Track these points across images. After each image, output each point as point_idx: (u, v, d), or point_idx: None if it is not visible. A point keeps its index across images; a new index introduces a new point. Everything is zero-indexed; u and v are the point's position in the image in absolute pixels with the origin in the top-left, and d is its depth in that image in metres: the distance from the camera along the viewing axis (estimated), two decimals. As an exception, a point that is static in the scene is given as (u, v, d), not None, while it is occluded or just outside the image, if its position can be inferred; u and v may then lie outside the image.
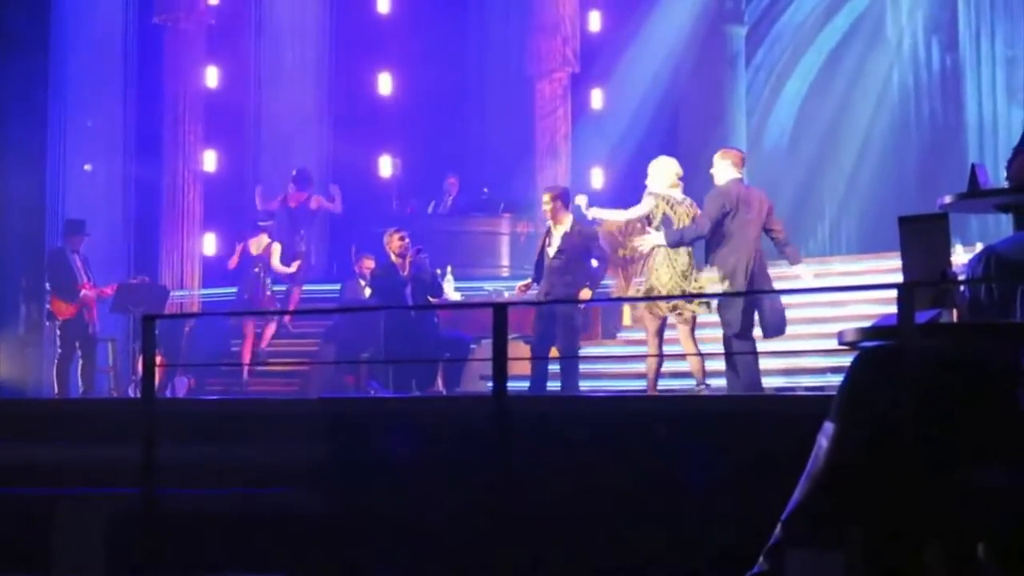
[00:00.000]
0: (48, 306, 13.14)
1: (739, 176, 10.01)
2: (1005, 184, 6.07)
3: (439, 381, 12.56)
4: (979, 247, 10.63)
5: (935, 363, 3.34)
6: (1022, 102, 11.87)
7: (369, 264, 14.04)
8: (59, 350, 13.04)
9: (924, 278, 3.61)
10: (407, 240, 12.56)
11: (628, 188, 15.98)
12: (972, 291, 5.27)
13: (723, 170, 10.12)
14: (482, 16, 17.83)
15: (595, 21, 17.42)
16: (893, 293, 3.53)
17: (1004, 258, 5.62)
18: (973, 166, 6.24)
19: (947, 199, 6.93)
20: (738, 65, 18.43)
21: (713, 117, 17.84)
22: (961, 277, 6.00)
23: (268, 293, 14.23)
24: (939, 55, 17.11)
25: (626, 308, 14.07)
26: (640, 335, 13.72)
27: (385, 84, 17.43)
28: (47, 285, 13.30)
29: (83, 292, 13.10)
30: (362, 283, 13.95)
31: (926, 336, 3.33)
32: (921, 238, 3.74)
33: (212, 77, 16.61)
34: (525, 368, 10.96)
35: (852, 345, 3.81)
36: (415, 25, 17.15)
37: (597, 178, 17.03)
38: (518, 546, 4.46)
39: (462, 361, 11.77)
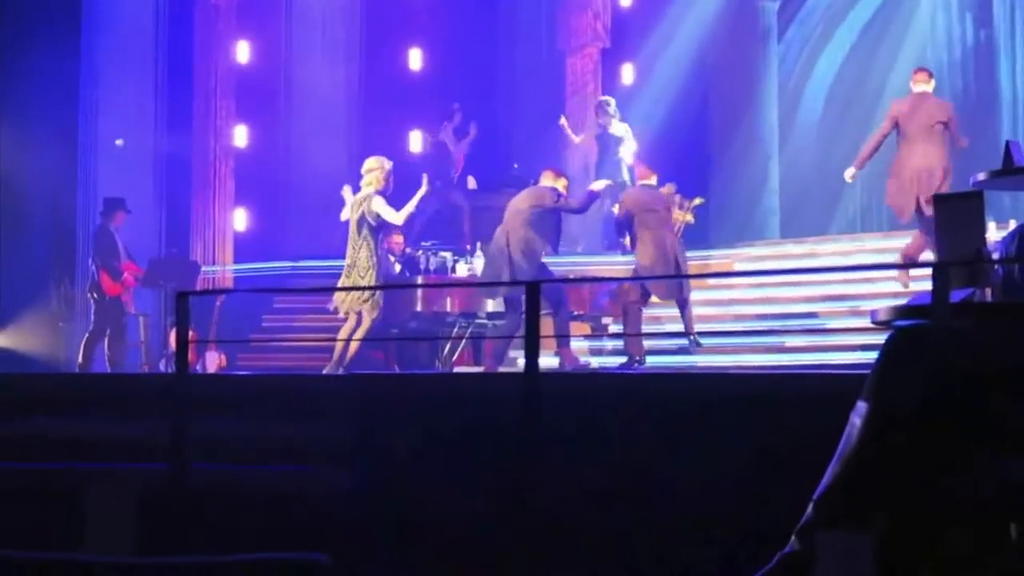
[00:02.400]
0: (96, 280, 13.16)
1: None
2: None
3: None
4: (1012, 225, 10.58)
5: (968, 343, 3.31)
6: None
7: (399, 240, 14.06)
8: (92, 326, 13.11)
9: (959, 257, 3.57)
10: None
11: (661, 163, 15.98)
12: (1006, 269, 5.23)
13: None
14: (513, -10, 17.79)
15: (626, -4, 17.38)
16: (926, 270, 3.51)
17: (1039, 236, 5.58)
18: (1008, 143, 6.21)
19: (981, 176, 6.90)
20: (770, 41, 18.29)
21: (744, 93, 17.74)
22: (994, 255, 5.97)
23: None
24: (973, 31, 16.93)
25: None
26: (668, 311, 13.73)
27: (415, 59, 17.41)
28: (92, 262, 13.32)
29: (125, 273, 13.19)
30: (392, 259, 13.95)
31: (960, 316, 3.30)
32: (956, 216, 3.70)
33: (243, 52, 16.63)
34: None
35: (886, 324, 3.78)
36: (445, 0, 17.11)
37: (627, 153, 16.97)
38: (540, 527, 4.47)
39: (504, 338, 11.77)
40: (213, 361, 13.68)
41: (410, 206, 11.31)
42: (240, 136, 16.39)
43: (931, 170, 10.80)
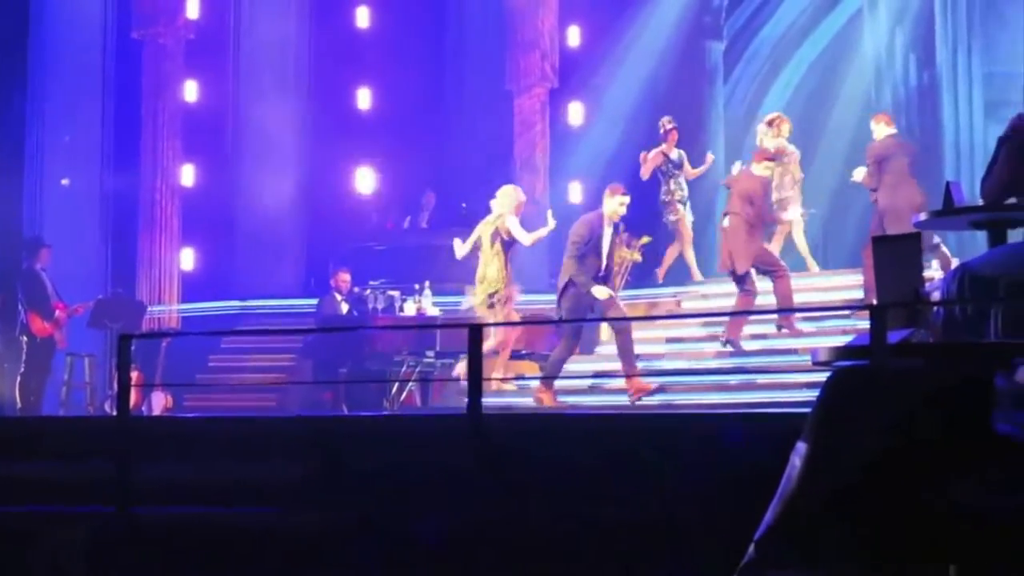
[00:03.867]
0: (25, 322, 13.08)
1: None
2: (980, 201, 6.12)
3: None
4: (955, 263, 10.71)
5: (908, 382, 3.35)
6: (998, 119, 11.93)
7: (346, 278, 14.04)
8: (23, 367, 13.02)
9: (897, 297, 3.62)
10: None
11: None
12: (947, 309, 5.29)
13: None
14: (461, 31, 17.84)
15: (574, 36, 17.46)
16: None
17: (978, 275, 5.66)
18: (948, 184, 6.29)
19: (922, 216, 6.99)
20: (717, 80, 18.48)
21: (691, 132, 17.85)
22: (936, 294, 6.04)
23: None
24: (916, 71, 17.17)
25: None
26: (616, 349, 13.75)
27: (364, 98, 17.44)
28: (20, 305, 13.21)
29: (56, 313, 13.10)
30: (339, 298, 13.94)
31: (899, 356, 3.34)
32: (894, 258, 3.75)
33: (191, 91, 16.60)
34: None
35: (826, 364, 3.82)
36: (394, 40, 17.16)
37: (575, 193, 17.06)
38: (496, 562, 4.47)
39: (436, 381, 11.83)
40: (159, 402, 13.59)
41: (541, 232, 12.12)
42: (187, 175, 16.35)
43: (916, 208, 11.07)
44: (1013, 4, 16.39)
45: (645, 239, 14.47)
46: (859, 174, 12.36)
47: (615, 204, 11.46)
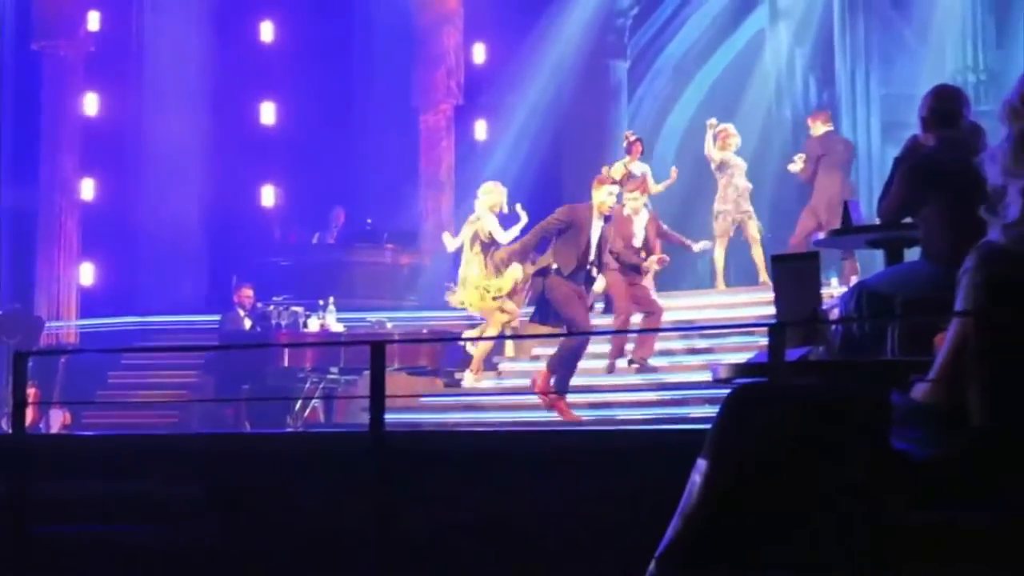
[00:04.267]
0: None
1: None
2: (877, 221, 6.23)
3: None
4: (854, 280, 10.87)
5: (806, 399, 3.39)
6: (895, 140, 12.17)
7: (248, 294, 13.94)
8: None
9: (796, 316, 3.67)
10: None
11: (513, 219, 16.07)
12: (845, 326, 5.37)
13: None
14: (367, 47, 17.80)
15: (479, 53, 17.52)
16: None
17: (876, 293, 5.76)
18: (846, 203, 6.40)
19: (820, 235, 7.10)
20: (621, 98, 18.62)
21: (596, 149, 17.96)
22: (835, 311, 6.13)
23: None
24: (816, 90, 17.45)
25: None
26: (521, 366, 13.78)
27: (268, 113, 17.32)
28: None
29: None
30: (242, 313, 13.83)
31: (797, 373, 3.39)
32: (793, 276, 3.81)
33: (92, 104, 16.39)
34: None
35: (727, 382, 3.87)
36: (299, 55, 17.08)
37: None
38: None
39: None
40: (57, 419, 13.37)
41: (515, 230, 12.11)
42: (87, 189, 16.13)
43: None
44: (910, 27, 16.71)
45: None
46: (795, 166, 12.66)
47: (603, 194, 10.83)
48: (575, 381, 10.98)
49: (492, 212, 12.12)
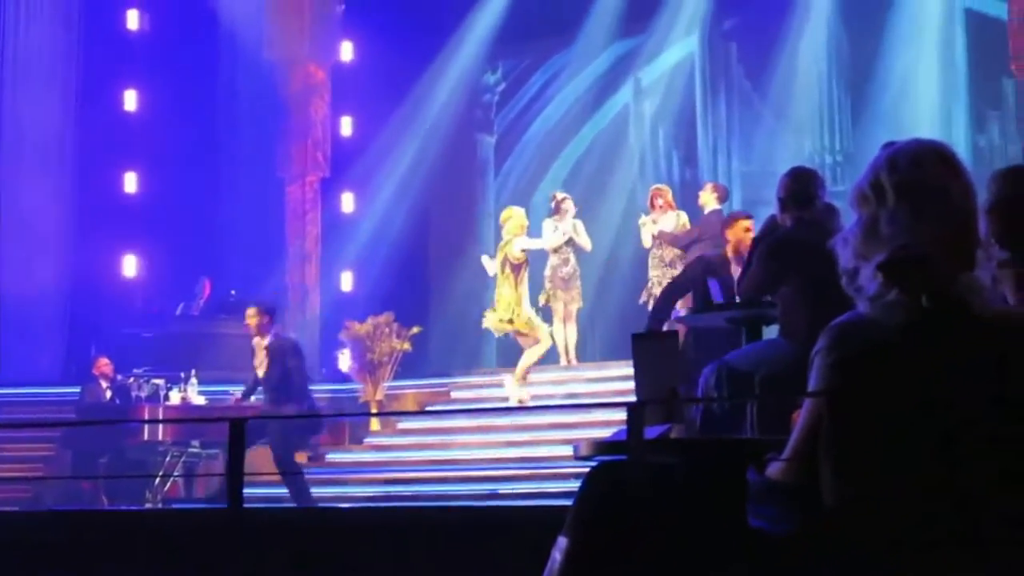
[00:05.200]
0: None
1: None
2: (737, 299, 6.35)
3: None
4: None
5: (664, 477, 3.42)
6: (755, 217, 12.43)
7: (107, 365, 13.71)
8: None
9: (655, 394, 3.72)
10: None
11: (380, 292, 16.06)
12: (707, 403, 5.45)
13: None
14: (232, 116, 17.71)
15: (347, 126, 17.53)
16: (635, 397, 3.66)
17: (735, 371, 5.87)
18: (706, 281, 6.51)
19: (681, 312, 7.21)
20: (488, 172, 18.78)
21: (463, 222, 18.09)
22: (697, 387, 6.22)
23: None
24: (679, 169, 17.77)
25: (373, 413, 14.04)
26: (387, 440, 13.72)
27: (131, 182, 17.10)
28: None
29: None
30: (103, 385, 13.58)
31: (655, 452, 3.43)
32: (653, 354, 3.86)
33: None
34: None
35: (587, 458, 3.89)
36: (163, 123, 16.91)
37: (347, 281, 17.04)
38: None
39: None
40: None
41: (550, 234, 13.05)
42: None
43: None
44: (768, 106, 17.14)
45: (416, 329, 14.54)
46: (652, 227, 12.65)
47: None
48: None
49: (519, 234, 12.76)
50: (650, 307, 11.50)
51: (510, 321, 12.62)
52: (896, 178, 2.77)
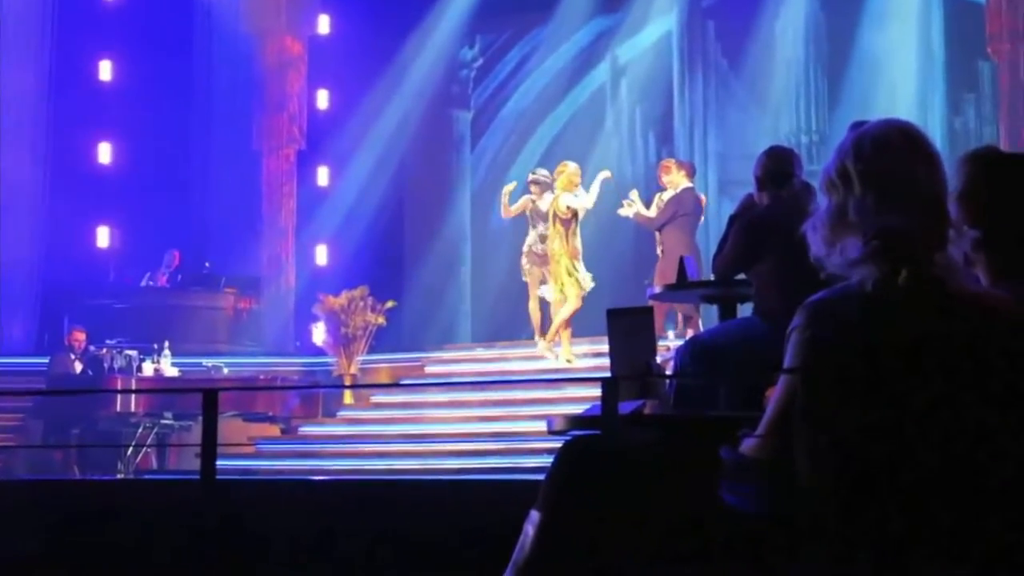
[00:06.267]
0: None
1: None
2: (712, 276, 6.36)
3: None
4: (690, 334, 11.06)
5: (639, 452, 3.43)
6: (730, 197, 12.45)
7: (80, 337, 13.66)
8: None
9: (630, 369, 3.72)
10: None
11: (355, 266, 16.03)
12: (680, 380, 5.46)
13: None
14: (208, 88, 17.63)
15: (323, 99, 17.46)
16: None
17: (708, 348, 5.87)
18: (681, 258, 6.52)
19: (656, 290, 7.22)
20: (464, 148, 18.75)
21: (438, 198, 18.08)
22: (670, 363, 6.23)
23: None
24: (655, 147, 17.77)
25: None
26: (361, 413, 13.72)
27: (105, 153, 17.00)
28: None
29: None
30: (72, 356, 13.54)
31: (630, 426, 3.44)
32: (628, 330, 3.86)
33: None
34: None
35: (561, 433, 3.90)
36: (138, 94, 16.80)
37: (322, 255, 17.00)
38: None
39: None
40: None
41: (595, 188, 13.07)
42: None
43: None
44: (745, 87, 17.15)
45: (390, 303, 14.53)
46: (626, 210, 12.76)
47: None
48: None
49: (569, 189, 12.91)
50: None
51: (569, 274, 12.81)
52: (861, 166, 2.78)
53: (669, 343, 11.37)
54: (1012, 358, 2.68)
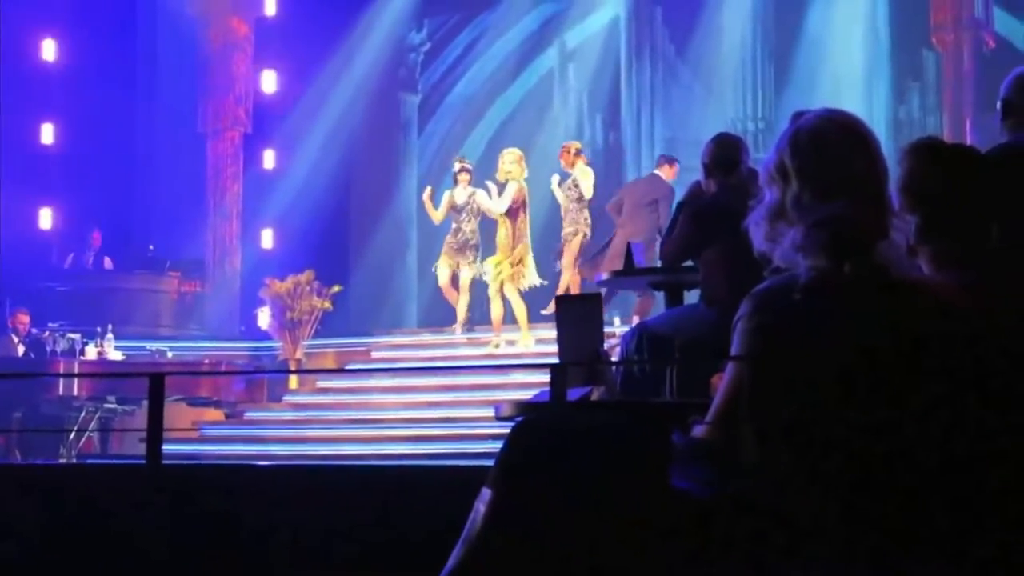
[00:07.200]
0: None
1: None
2: (659, 263, 6.39)
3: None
4: (636, 321, 11.10)
5: (590, 433, 3.45)
6: (678, 183, 12.51)
7: (24, 319, 13.53)
8: None
9: (578, 355, 3.74)
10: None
11: (301, 250, 15.95)
12: (626, 367, 5.49)
13: None
14: (152, 69, 17.48)
15: (269, 82, 17.33)
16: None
17: (655, 335, 5.91)
18: (629, 245, 6.55)
19: (604, 276, 7.25)
20: (411, 132, 18.70)
21: (385, 182, 18.02)
22: (616, 351, 6.26)
23: None
24: (603, 133, 17.81)
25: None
26: (306, 399, 13.68)
27: (48, 134, 16.82)
28: None
29: None
30: (15, 339, 13.41)
31: (576, 412, 3.45)
32: (576, 317, 3.88)
33: None
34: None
35: (509, 419, 3.91)
36: (82, 75, 16.63)
37: (267, 239, 16.91)
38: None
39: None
40: None
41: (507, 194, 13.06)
42: None
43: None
44: (692, 72, 17.21)
45: (336, 288, 14.48)
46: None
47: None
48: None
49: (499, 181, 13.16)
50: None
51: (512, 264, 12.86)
52: (798, 162, 2.80)
53: (615, 329, 11.41)
54: (956, 344, 2.71)
